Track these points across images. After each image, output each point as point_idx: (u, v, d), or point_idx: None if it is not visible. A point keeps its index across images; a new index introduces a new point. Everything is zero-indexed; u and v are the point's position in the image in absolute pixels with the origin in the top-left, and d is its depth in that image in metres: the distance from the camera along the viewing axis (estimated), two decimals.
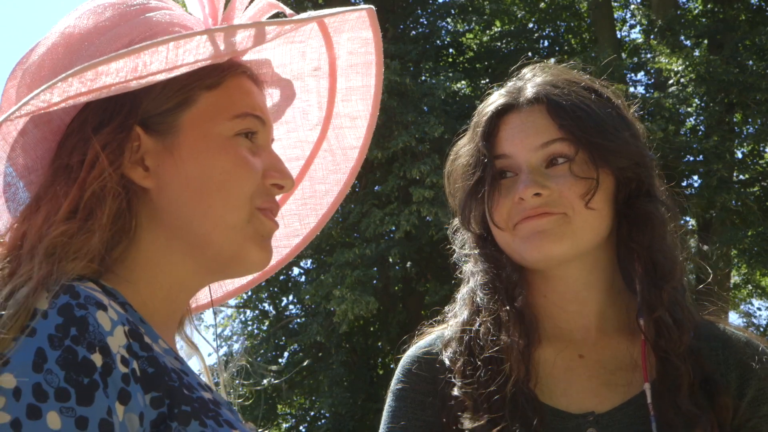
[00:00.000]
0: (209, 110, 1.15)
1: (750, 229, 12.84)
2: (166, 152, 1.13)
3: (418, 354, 1.56)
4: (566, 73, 1.58)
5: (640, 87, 15.42)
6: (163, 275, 1.14)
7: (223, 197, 1.13)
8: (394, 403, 1.54)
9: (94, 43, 1.12)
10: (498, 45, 16.43)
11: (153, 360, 1.03)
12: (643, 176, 1.51)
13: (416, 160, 12.81)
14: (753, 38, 13.11)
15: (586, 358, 1.51)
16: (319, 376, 14.90)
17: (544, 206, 1.45)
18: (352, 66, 1.33)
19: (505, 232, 1.49)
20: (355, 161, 1.40)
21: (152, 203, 1.13)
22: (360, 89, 1.35)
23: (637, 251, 1.50)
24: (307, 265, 16.23)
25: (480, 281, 1.54)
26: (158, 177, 1.13)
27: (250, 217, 1.15)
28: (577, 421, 1.45)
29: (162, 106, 1.13)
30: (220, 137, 1.14)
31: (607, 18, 15.11)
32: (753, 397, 1.47)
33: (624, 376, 1.49)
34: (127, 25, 1.14)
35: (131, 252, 1.12)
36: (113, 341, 0.99)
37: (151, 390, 1.01)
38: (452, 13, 16.02)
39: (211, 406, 1.08)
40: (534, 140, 1.48)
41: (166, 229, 1.13)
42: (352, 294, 12.32)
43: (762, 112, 12.68)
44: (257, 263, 1.17)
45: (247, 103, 1.18)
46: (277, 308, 16.64)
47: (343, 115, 1.37)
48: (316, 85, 1.35)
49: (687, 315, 1.49)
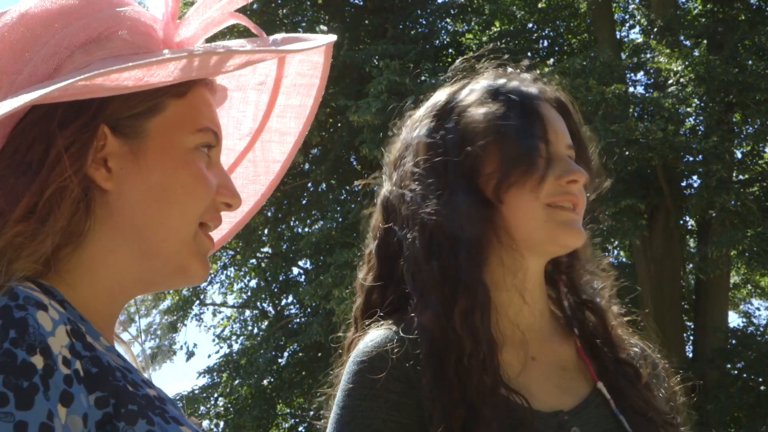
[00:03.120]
0: (176, 119, 1.14)
1: (749, 229, 12.84)
2: (131, 156, 1.11)
3: (382, 351, 1.39)
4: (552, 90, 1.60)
5: (639, 87, 15.43)
6: (106, 278, 1.12)
7: (180, 210, 1.12)
8: (363, 403, 1.38)
9: (59, 32, 1.09)
10: (497, 45, 16.43)
11: (96, 359, 1.01)
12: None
13: None
14: (753, 38, 13.10)
15: (538, 360, 1.48)
16: (318, 376, 14.90)
17: (581, 198, 1.47)
18: (296, 86, 1.33)
19: (538, 202, 1.44)
20: (276, 174, 1.39)
21: (108, 206, 1.10)
22: (296, 108, 1.35)
23: None
24: (306, 266, 16.24)
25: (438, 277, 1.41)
26: (119, 180, 1.10)
27: (196, 234, 1.15)
28: (555, 419, 1.42)
29: (131, 110, 1.11)
30: (183, 149, 1.13)
31: (607, 18, 15.10)
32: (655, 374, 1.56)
33: (571, 378, 1.49)
34: (96, 17, 1.11)
35: (77, 252, 1.10)
36: (55, 342, 0.97)
37: (95, 390, 1.00)
38: (451, 14, 16.02)
39: (157, 403, 1.07)
40: (566, 138, 1.50)
41: (117, 232, 1.11)
42: (352, 294, 12.31)
43: (762, 112, 12.67)
44: (198, 278, 1.18)
45: (208, 117, 1.17)
46: (277, 308, 16.64)
47: (274, 130, 1.37)
48: (257, 98, 1.35)
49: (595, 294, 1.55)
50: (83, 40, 1.09)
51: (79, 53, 1.09)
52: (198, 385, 16.29)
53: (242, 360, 15.90)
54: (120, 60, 1.08)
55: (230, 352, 16.84)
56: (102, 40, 1.10)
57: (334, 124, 15.06)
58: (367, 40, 15.28)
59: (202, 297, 17.11)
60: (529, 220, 1.43)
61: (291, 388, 15.79)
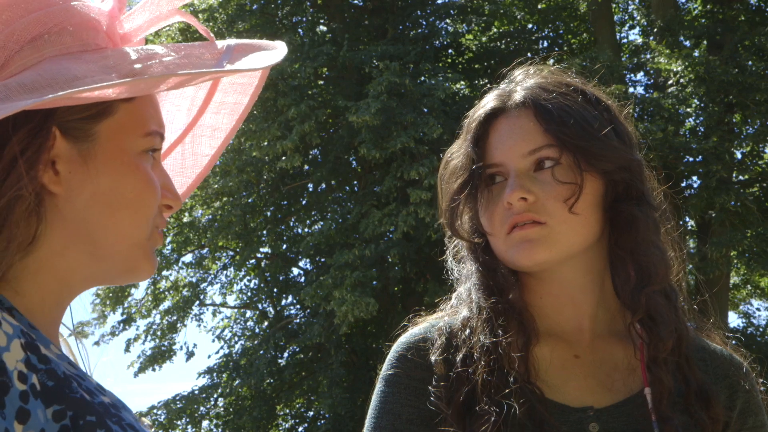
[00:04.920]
0: (125, 123, 1.12)
1: (749, 229, 12.84)
2: (80, 159, 1.09)
3: (413, 341, 1.54)
4: (558, 76, 1.59)
5: (639, 87, 15.43)
6: (54, 281, 1.10)
7: (130, 214, 1.11)
8: (386, 389, 1.51)
9: (9, 25, 1.07)
10: (497, 46, 16.43)
11: (52, 372, 1.00)
12: (629, 180, 1.51)
13: (414, 161, 12.81)
14: (752, 39, 13.11)
15: (582, 359, 1.52)
16: (318, 376, 14.90)
17: (530, 213, 1.46)
18: (234, 84, 1.32)
19: (498, 237, 1.50)
20: (204, 167, 1.38)
21: (57, 209, 1.08)
22: (231, 105, 1.34)
23: (622, 256, 1.51)
24: (306, 266, 16.24)
25: (475, 282, 1.55)
26: (68, 184, 1.08)
27: (150, 235, 1.15)
28: (578, 414, 1.46)
29: (82, 112, 1.09)
30: (131, 153, 1.12)
31: (607, 18, 15.11)
32: (741, 409, 1.53)
33: (620, 378, 1.51)
34: (47, 11, 1.09)
35: (25, 258, 1.07)
36: (10, 357, 0.96)
37: (52, 403, 0.98)
38: (451, 14, 16.02)
39: (113, 410, 1.05)
40: (522, 147, 1.49)
41: (65, 236, 1.09)
42: (352, 296, 12.32)
43: (761, 112, 12.68)
44: (145, 275, 1.18)
45: (155, 120, 1.17)
46: (276, 309, 16.64)
47: (207, 125, 1.37)
48: (194, 94, 1.34)
49: (672, 320, 1.50)
50: (32, 35, 1.07)
51: (28, 49, 1.07)
52: (198, 385, 16.30)
53: (242, 360, 15.90)
54: (70, 59, 1.07)
55: (230, 352, 16.83)
56: (51, 34, 1.09)
57: (334, 124, 15.07)
58: (367, 40, 15.29)
59: (202, 297, 17.11)
60: (499, 251, 1.52)
61: (291, 388, 15.79)
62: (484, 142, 1.53)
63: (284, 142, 13.06)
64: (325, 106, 14.23)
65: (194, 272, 16.99)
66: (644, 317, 1.49)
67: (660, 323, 1.48)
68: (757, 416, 1.54)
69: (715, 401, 1.48)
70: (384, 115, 12.52)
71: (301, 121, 13.16)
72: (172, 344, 16.60)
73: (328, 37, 15.18)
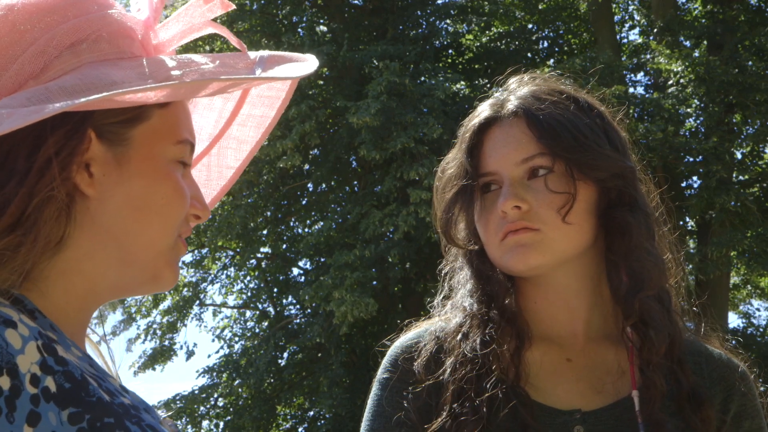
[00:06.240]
0: (160, 129, 1.14)
1: (749, 230, 12.84)
2: (114, 163, 1.10)
3: (406, 345, 1.58)
4: (551, 83, 1.61)
5: (639, 87, 15.44)
6: (81, 284, 1.10)
7: (160, 221, 1.12)
8: (379, 392, 1.56)
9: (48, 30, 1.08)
10: (497, 46, 16.43)
11: (69, 374, 1.00)
12: (622, 187, 1.53)
13: (414, 161, 12.81)
14: (752, 39, 13.11)
15: (574, 362, 1.54)
16: (318, 377, 14.90)
17: (523, 221, 1.48)
18: (262, 97, 1.33)
19: (492, 244, 1.52)
20: (228, 180, 1.39)
21: (88, 212, 1.09)
22: (258, 118, 1.35)
23: (615, 261, 1.52)
24: (306, 266, 16.24)
25: (470, 288, 1.58)
26: (101, 186, 1.09)
27: (175, 243, 1.16)
28: (564, 417, 1.48)
29: (117, 116, 1.10)
30: (164, 160, 1.13)
31: (607, 18, 15.11)
32: (736, 413, 1.53)
33: (611, 382, 1.52)
34: (85, 18, 1.10)
35: (53, 259, 1.08)
36: (24, 360, 0.96)
37: (68, 406, 0.98)
38: (451, 14, 16.02)
39: (132, 411, 1.05)
40: (515, 155, 1.51)
41: (95, 239, 1.09)
42: (352, 296, 12.33)
43: (761, 112, 12.68)
44: (168, 285, 1.18)
45: (188, 129, 1.18)
46: (276, 309, 16.64)
47: (233, 137, 1.38)
48: (222, 105, 1.35)
49: (665, 324, 1.51)
50: (72, 41, 1.09)
51: (67, 54, 1.08)
52: (198, 385, 16.31)
53: (242, 360, 15.91)
54: (108, 65, 1.08)
55: (230, 352, 16.84)
56: (89, 41, 1.10)
57: (334, 125, 15.06)
58: (367, 40, 15.28)
59: (202, 297, 17.12)
60: (494, 257, 1.54)
61: (291, 388, 15.79)
62: (478, 151, 1.56)
63: (284, 141, 13.06)
64: (325, 106, 14.23)
65: (194, 272, 17.01)
66: (637, 322, 1.50)
67: (653, 328, 1.50)
68: (754, 420, 1.54)
69: (708, 404, 1.48)
70: (384, 115, 12.52)
71: (301, 121, 13.16)
72: (172, 344, 16.62)
73: (328, 37, 15.17)
